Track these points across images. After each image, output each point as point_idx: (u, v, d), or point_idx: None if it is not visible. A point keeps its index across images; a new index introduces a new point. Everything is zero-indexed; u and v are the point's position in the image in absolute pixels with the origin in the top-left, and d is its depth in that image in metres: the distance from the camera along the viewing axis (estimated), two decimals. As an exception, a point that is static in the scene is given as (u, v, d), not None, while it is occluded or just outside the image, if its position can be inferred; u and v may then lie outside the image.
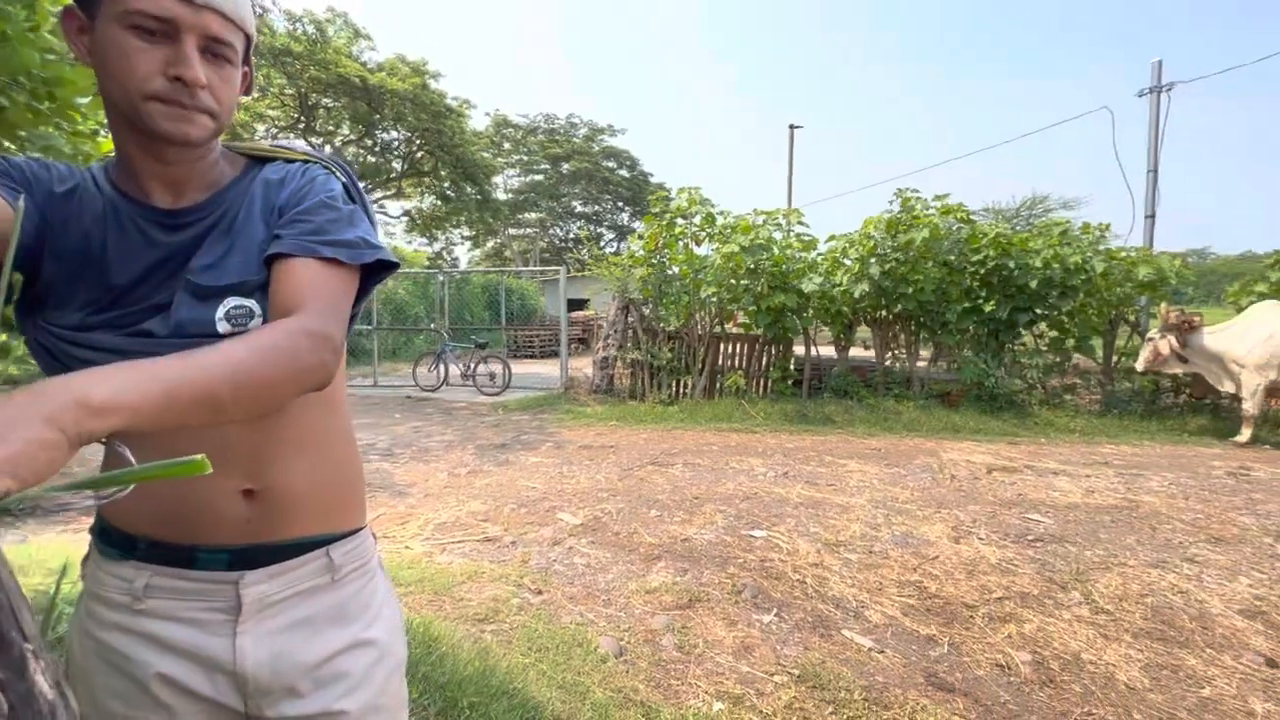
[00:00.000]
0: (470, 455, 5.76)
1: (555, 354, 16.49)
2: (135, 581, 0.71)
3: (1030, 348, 8.31)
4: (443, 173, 23.94)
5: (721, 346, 8.57)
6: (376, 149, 23.83)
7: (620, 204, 40.24)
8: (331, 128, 22.83)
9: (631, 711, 2.01)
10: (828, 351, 9.06)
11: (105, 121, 1.56)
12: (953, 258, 7.91)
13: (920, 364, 8.71)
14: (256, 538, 0.74)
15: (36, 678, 0.47)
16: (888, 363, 8.75)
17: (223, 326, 0.69)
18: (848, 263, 8.31)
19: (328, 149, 22.89)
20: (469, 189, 24.71)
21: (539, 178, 38.37)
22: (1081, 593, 2.92)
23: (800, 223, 8.44)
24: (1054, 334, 8.11)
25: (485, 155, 26.91)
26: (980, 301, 7.96)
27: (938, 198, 8.17)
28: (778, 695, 2.14)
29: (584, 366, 10.71)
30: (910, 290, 7.81)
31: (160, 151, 0.70)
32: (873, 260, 7.93)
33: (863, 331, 9.25)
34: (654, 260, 8.53)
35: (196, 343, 0.66)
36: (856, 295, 7.99)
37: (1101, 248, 7.93)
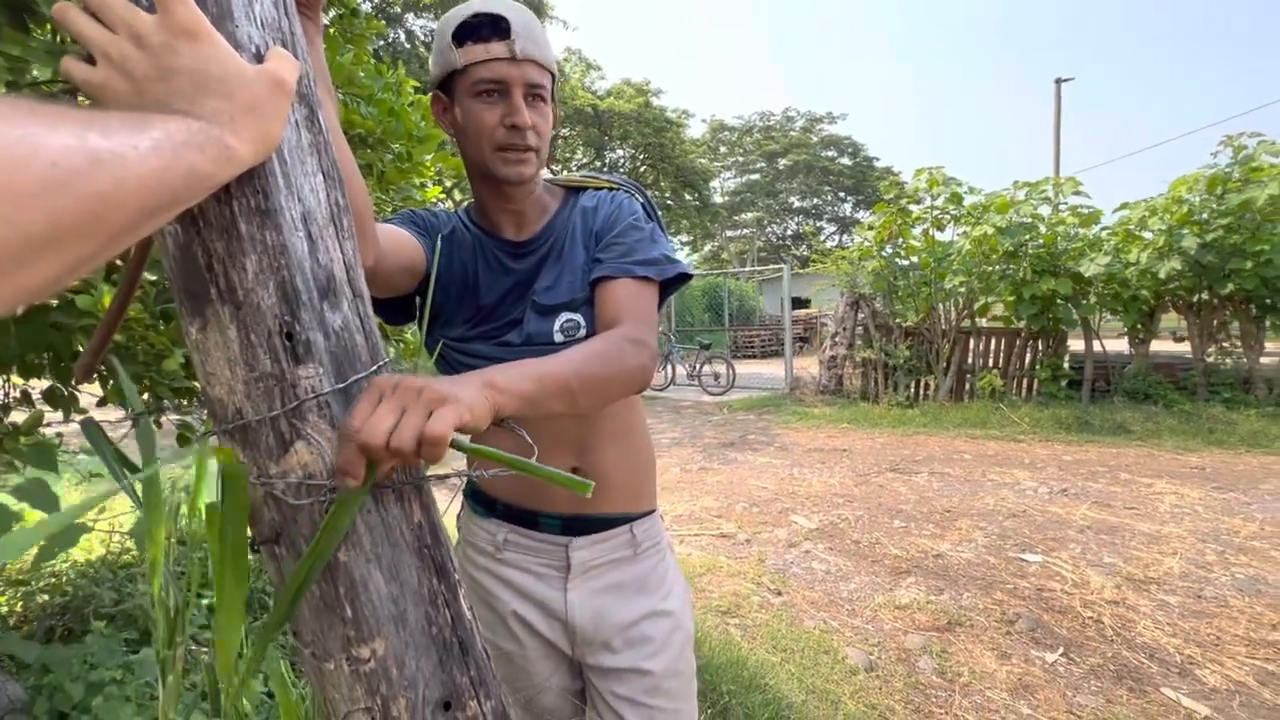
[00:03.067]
0: (699, 453, 5.96)
1: (776, 354, 16.25)
2: (497, 535, 0.90)
3: None
4: (663, 183, 25.25)
5: (971, 343, 7.55)
6: (605, 168, 26.12)
7: (841, 194, 38.08)
8: (568, 155, 25.65)
9: (889, 732, 1.89)
10: (1116, 346, 7.41)
11: (439, 175, 1.98)
12: (1322, 217, 5.90)
13: (1266, 360, 6.64)
14: (581, 509, 0.88)
15: (463, 601, 0.60)
16: (1210, 358, 6.84)
17: (558, 337, 0.83)
18: (1148, 236, 6.71)
19: (564, 174, 25.76)
20: (688, 196, 25.67)
21: (755, 177, 38.17)
22: None
23: (1077, 192, 7.05)
24: None
25: (702, 161, 27.71)
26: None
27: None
28: (1074, 749, 1.82)
29: (808, 366, 10.36)
30: (1248, 265, 6.00)
31: (506, 194, 0.86)
32: (1186, 230, 6.28)
33: (1170, 320, 7.37)
34: (886, 251, 7.89)
35: (541, 350, 0.81)
36: (1162, 275, 6.39)
37: None
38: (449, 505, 1.00)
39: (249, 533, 0.52)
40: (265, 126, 0.44)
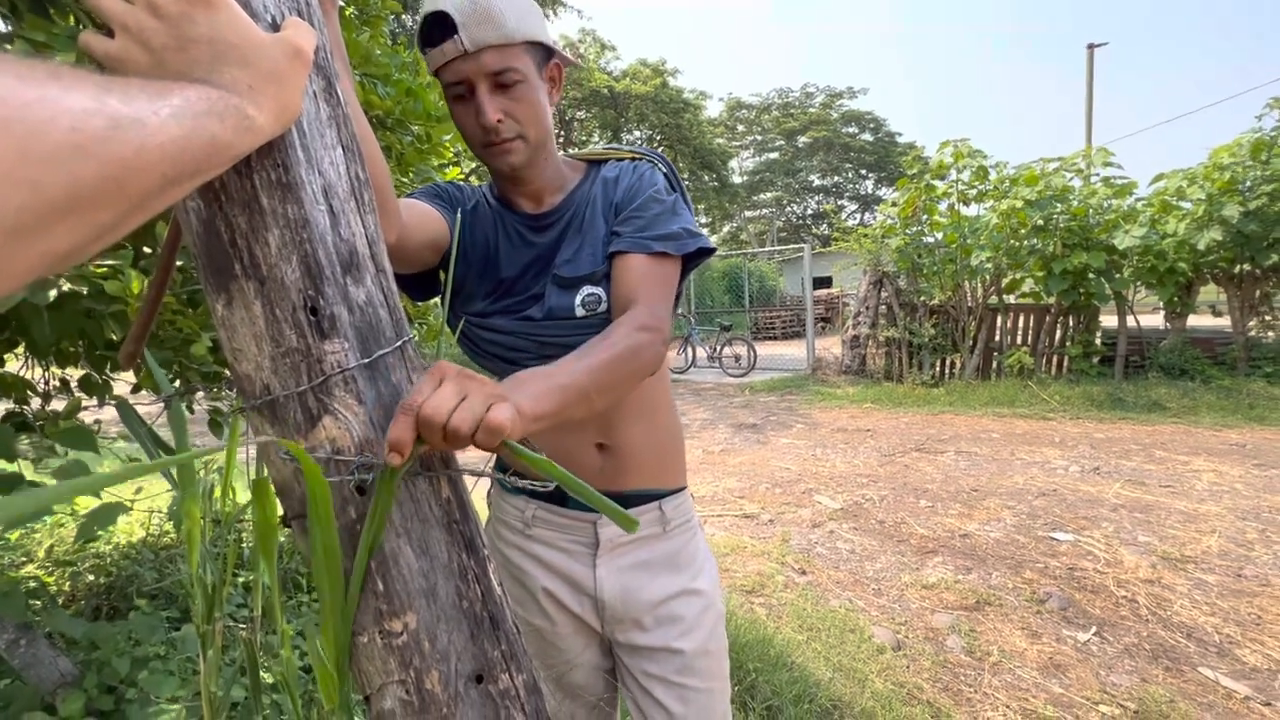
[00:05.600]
0: (722, 434, 5.95)
1: (797, 335, 16.08)
2: (526, 511, 0.90)
3: None
4: (681, 164, 24.97)
5: (998, 320, 7.38)
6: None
7: (863, 171, 37.30)
8: (585, 137, 25.46)
9: (918, 709, 1.88)
10: (1151, 321, 7.18)
11: (458, 156, 1.97)
12: (1374, 181, 5.61)
13: (1311, 333, 6.41)
14: (609, 484, 0.87)
15: (492, 576, 0.60)
16: (1252, 332, 6.60)
17: (579, 311, 0.81)
18: (1186, 206, 6.46)
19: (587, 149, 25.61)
20: (706, 177, 25.37)
21: (774, 155, 37.54)
22: None
23: (1109, 164, 6.80)
24: None
25: (720, 142, 27.33)
26: None
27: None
28: (1107, 728, 1.79)
29: (830, 346, 10.25)
30: (1294, 233, 5.76)
31: (511, 177, 0.85)
32: (1227, 199, 6.03)
33: (1208, 293, 7.12)
34: (910, 228, 7.71)
35: (562, 325, 0.80)
36: (1201, 247, 6.17)
37: None
38: (476, 483, 1.00)
39: (280, 509, 0.52)
40: (284, 96, 0.43)
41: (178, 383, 1.43)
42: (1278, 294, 6.50)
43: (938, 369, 7.67)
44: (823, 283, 20.49)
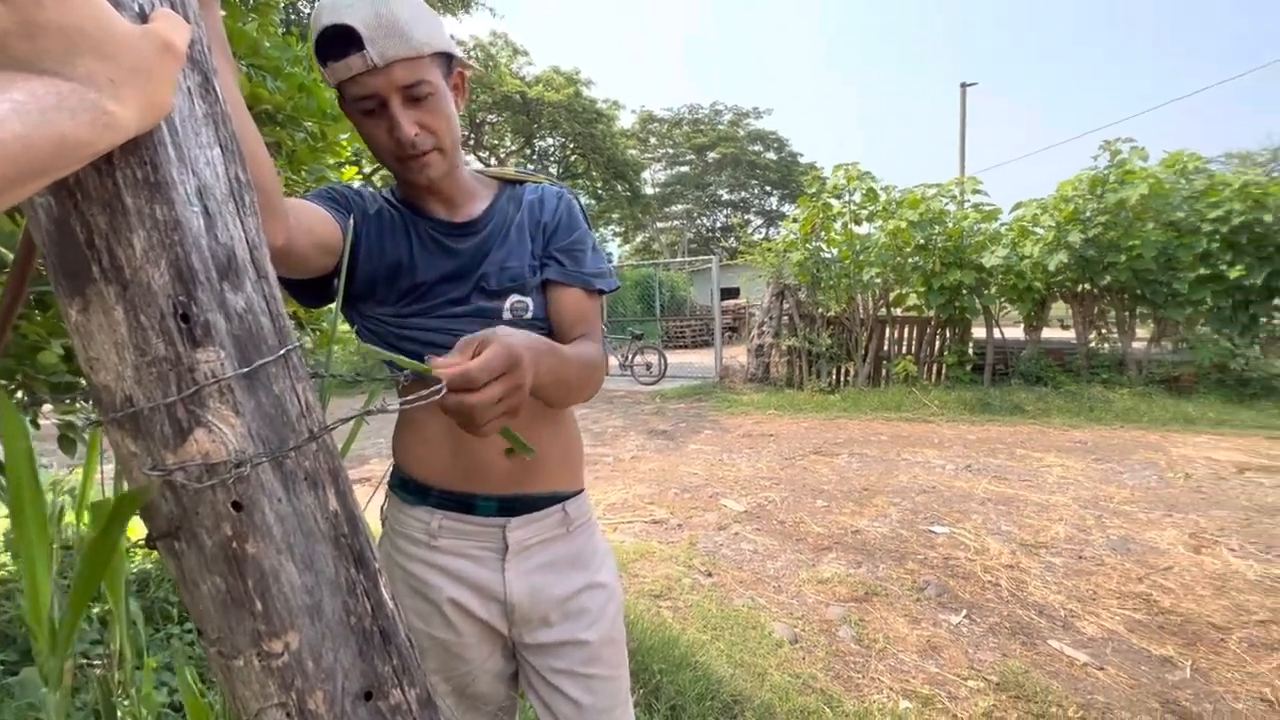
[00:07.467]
0: (634, 441, 6.02)
1: (706, 344, 16.54)
2: (430, 523, 0.88)
3: (1297, 321, 6.69)
4: (594, 173, 25.09)
5: (887, 331, 8.02)
6: (535, 156, 25.62)
7: (768, 188, 39.15)
8: (495, 142, 24.97)
9: (811, 698, 1.99)
10: (1014, 333, 8.06)
11: (357, 155, 1.89)
12: (1182, 215, 6.62)
13: (1137, 344, 7.43)
14: (516, 488, 0.89)
15: (384, 590, 0.59)
16: (1092, 344, 7.57)
17: (507, 315, 0.85)
18: (1039, 231, 7.32)
19: (493, 161, 25.17)
20: (619, 187, 25.63)
21: (685, 169, 38.59)
22: (1389, 624, 2.32)
23: (977, 191, 7.59)
24: (1334, 303, 6.46)
25: (633, 153, 27.71)
26: (1222, 267, 6.54)
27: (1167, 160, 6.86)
28: (974, 701, 1.98)
29: (737, 355, 10.65)
30: (1122, 259, 6.68)
31: (423, 188, 0.86)
32: (1072, 227, 6.90)
33: (1058, 309, 8.09)
34: (809, 243, 8.20)
35: (490, 323, 0.82)
36: (1051, 268, 7.01)
37: None
38: (369, 500, 0.97)
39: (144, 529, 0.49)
40: (151, 92, 0.41)
41: (21, 394, 1.27)
42: (1112, 310, 7.50)
43: (834, 376, 8.18)
44: (730, 293, 21.24)
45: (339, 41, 0.71)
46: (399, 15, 0.71)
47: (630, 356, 10.38)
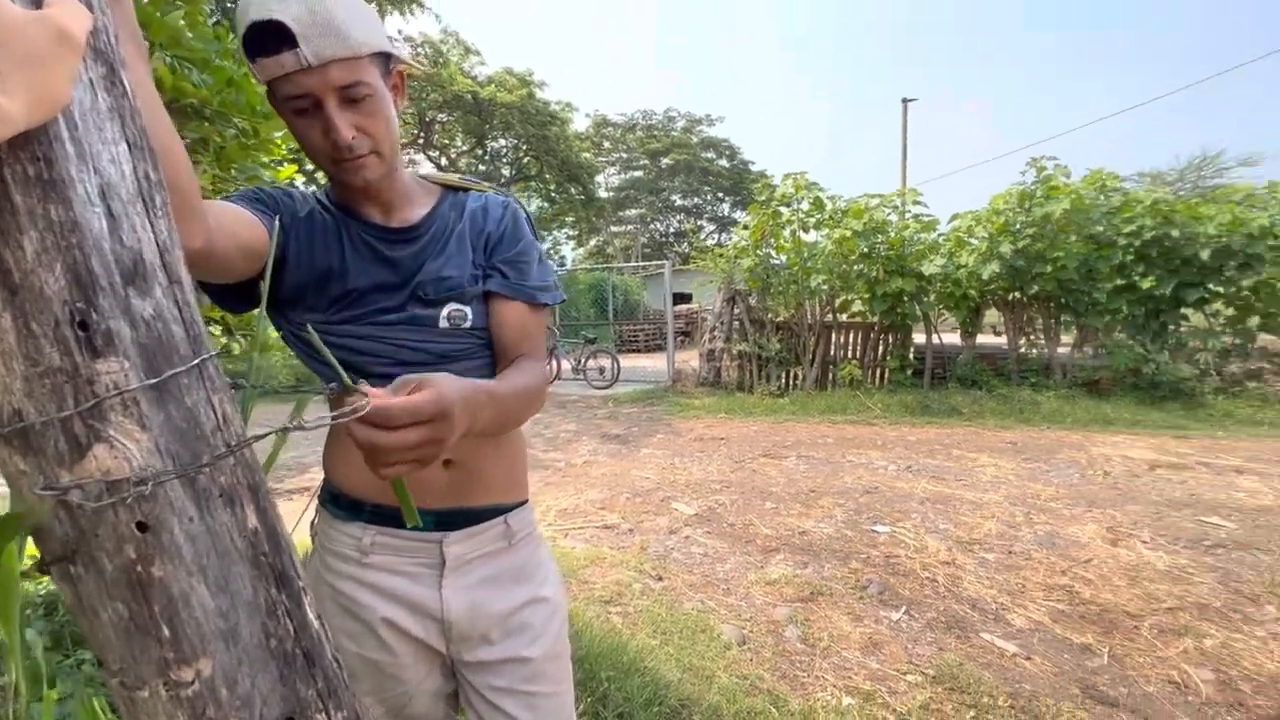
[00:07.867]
0: (585, 446, 5.99)
1: (659, 348, 16.65)
2: (363, 539, 0.85)
3: (1201, 328, 7.25)
4: (548, 176, 24.91)
5: (833, 336, 8.25)
6: (487, 157, 25.24)
7: (720, 195, 39.77)
8: (446, 141, 24.47)
9: (758, 699, 2.02)
10: (951, 339, 8.44)
11: (295, 153, 1.81)
12: (1100, 229, 7.08)
13: (1061, 350, 7.89)
14: (455, 501, 0.86)
15: (308, 609, 0.57)
16: (1022, 349, 8.00)
17: (444, 324, 0.82)
18: (974, 242, 7.70)
19: (444, 160, 24.64)
20: (573, 190, 25.53)
21: (639, 174, 38.79)
22: (1279, 607, 2.54)
23: (917, 202, 7.93)
24: (1231, 312, 7.03)
25: (587, 156, 27.64)
26: (1136, 278, 7.04)
27: (1091, 177, 7.33)
28: (912, 695, 2.06)
29: (689, 359, 10.74)
30: (1048, 269, 7.09)
31: (359, 191, 0.82)
32: (1003, 238, 7.28)
33: (991, 316, 8.52)
34: (760, 250, 8.37)
35: (426, 330, 0.81)
36: (985, 277, 7.38)
37: (1296, 209, 6.75)
38: (300, 517, 0.93)
39: (37, 553, 0.45)
40: (44, 83, 0.38)
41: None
42: (1039, 318, 7.95)
43: (783, 380, 8.36)
44: (683, 298, 21.44)
45: (269, 37, 0.67)
46: (335, 13, 0.68)
47: (583, 360, 10.33)
